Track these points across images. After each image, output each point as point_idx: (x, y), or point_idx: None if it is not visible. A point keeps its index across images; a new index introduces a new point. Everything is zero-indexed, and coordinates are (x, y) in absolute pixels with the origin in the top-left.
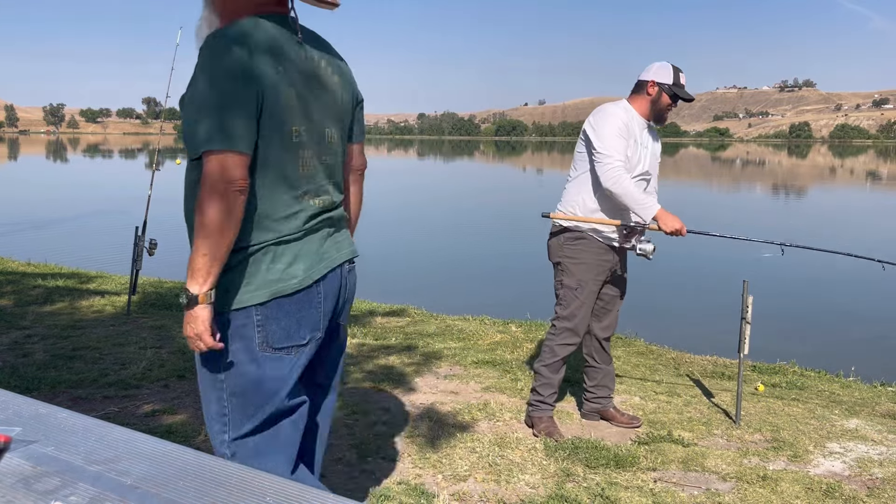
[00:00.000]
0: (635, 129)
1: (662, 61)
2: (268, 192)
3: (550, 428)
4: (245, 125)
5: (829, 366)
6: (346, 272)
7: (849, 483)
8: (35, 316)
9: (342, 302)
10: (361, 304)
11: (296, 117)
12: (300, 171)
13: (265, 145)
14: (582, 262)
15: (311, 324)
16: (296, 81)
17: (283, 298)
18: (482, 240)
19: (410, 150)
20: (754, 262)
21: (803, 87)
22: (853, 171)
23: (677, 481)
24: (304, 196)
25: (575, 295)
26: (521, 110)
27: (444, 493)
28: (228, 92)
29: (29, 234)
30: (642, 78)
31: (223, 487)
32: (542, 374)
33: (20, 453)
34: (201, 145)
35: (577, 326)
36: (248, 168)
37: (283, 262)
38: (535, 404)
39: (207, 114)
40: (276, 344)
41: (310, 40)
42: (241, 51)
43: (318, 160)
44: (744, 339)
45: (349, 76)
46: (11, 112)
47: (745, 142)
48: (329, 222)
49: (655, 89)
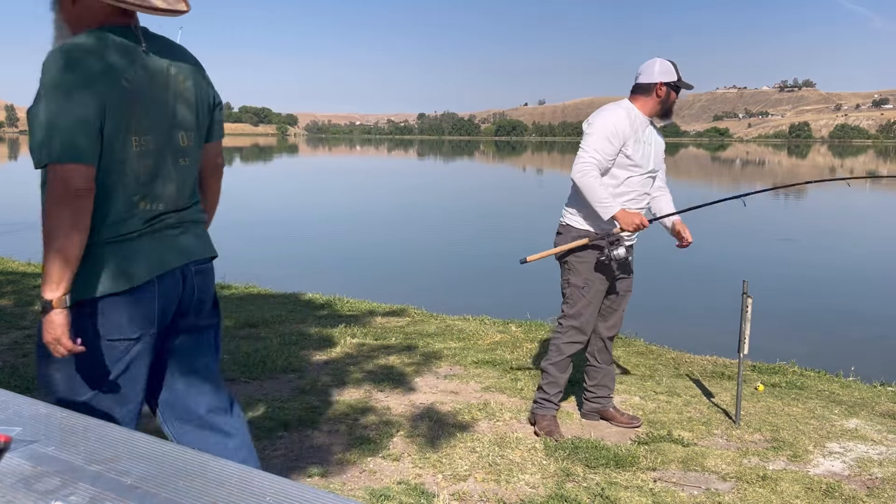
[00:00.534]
0: (639, 129)
1: (660, 59)
2: (108, 195)
3: (551, 427)
4: (87, 137)
5: (829, 366)
6: (193, 273)
7: (848, 483)
8: (35, 316)
9: (188, 302)
10: (361, 304)
11: (140, 125)
12: (141, 177)
13: (109, 153)
14: (588, 261)
15: (142, 320)
16: (140, 90)
17: (115, 296)
18: (482, 240)
19: (410, 150)
20: (754, 262)
21: (803, 87)
22: (853, 170)
23: (677, 481)
24: (142, 200)
25: (582, 294)
26: (521, 110)
27: (444, 493)
28: (71, 106)
29: (29, 235)
30: (647, 81)
31: (223, 487)
32: (548, 373)
33: (20, 453)
34: (45, 158)
35: (584, 325)
36: (93, 176)
37: (116, 261)
38: (539, 402)
39: (51, 127)
40: (108, 336)
41: (159, 49)
42: (82, 65)
43: (166, 165)
44: (743, 338)
45: (202, 80)
46: (12, 112)
47: (745, 142)
48: (172, 225)
49: (664, 89)
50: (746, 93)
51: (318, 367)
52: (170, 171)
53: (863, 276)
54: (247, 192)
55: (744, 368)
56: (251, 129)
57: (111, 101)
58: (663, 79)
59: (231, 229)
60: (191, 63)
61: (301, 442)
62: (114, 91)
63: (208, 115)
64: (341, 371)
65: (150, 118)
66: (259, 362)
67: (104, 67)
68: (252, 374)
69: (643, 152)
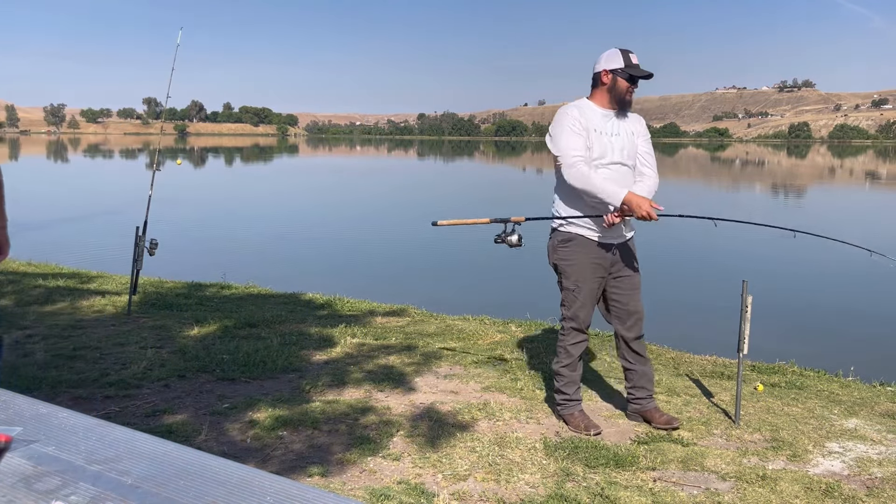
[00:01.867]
0: (593, 121)
1: (612, 49)
2: None
3: (586, 421)
4: None
5: (829, 365)
6: None
7: (848, 483)
8: (36, 316)
9: None
10: (361, 304)
11: None
12: None
13: None
14: (575, 263)
15: None
16: None
17: None
18: (482, 240)
19: (410, 150)
20: (754, 262)
21: (802, 87)
22: (852, 171)
23: (677, 481)
24: None
25: (574, 296)
26: (520, 110)
27: (444, 493)
28: None
29: (30, 234)
30: (594, 70)
31: (224, 487)
32: (562, 375)
33: (21, 453)
34: None
35: (582, 324)
36: None
37: None
38: (562, 403)
39: None
40: None
41: None
42: None
43: None
44: (743, 338)
45: None
46: (12, 112)
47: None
48: None
49: (609, 76)
50: (746, 93)
51: (318, 367)
52: None
53: (863, 276)
54: (247, 193)
55: (743, 368)
56: (251, 130)
57: None
58: (607, 66)
59: (231, 229)
60: None
61: (301, 442)
62: None
63: None
64: (341, 371)
65: None
66: (259, 362)
67: None
68: (252, 373)
69: (603, 144)
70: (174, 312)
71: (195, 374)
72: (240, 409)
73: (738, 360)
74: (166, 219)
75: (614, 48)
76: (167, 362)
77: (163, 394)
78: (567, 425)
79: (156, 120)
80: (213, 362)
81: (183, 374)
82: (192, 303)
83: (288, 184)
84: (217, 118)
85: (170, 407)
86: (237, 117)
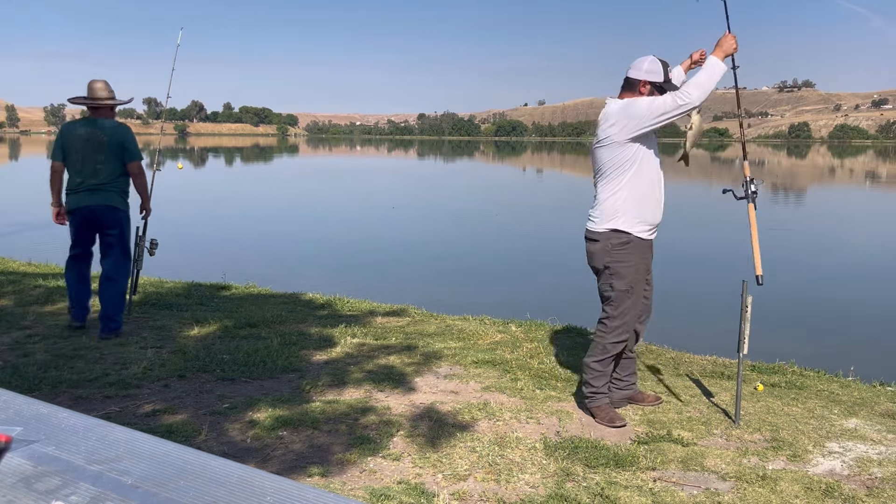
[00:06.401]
0: None
1: (650, 58)
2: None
3: (612, 415)
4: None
5: (829, 365)
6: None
7: (848, 482)
8: (36, 316)
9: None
10: (361, 304)
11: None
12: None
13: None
14: (631, 265)
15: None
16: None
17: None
18: (482, 240)
19: (410, 150)
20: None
21: (802, 87)
22: (853, 171)
23: (677, 481)
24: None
25: (627, 296)
26: (520, 110)
27: (444, 493)
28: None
29: (30, 234)
30: (633, 76)
31: (224, 487)
32: (594, 369)
33: (21, 453)
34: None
35: (629, 324)
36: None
37: (71, 198)
38: (590, 396)
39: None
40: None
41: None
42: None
43: (89, 167)
44: (743, 338)
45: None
46: (12, 112)
47: None
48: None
49: (648, 88)
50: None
51: (318, 367)
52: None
53: (863, 276)
54: (247, 193)
55: (743, 368)
56: (251, 130)
57: (66, 141)
58: (649, 78)
59: (231, 229)
60: (111, 130)
61: (301, 442)
62: (67, 138)
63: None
64: (341, 371)
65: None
66: (259, 362)
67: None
68: (252, 373)
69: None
70: (174, 312)
71: (195, 374)
72: (240, 409)
73: (738, 360)
74: (166, 219)
75: (653, 57)
76: (167, 362)
77: (163, 394)
78: (594, 418)
79: (156, 120)
80: (213, 362)
81: (183, 374)
82: (192, 303)
83: (288, 184)
84: (217, 118)
85: (170, 407)
86: (237, 117)
